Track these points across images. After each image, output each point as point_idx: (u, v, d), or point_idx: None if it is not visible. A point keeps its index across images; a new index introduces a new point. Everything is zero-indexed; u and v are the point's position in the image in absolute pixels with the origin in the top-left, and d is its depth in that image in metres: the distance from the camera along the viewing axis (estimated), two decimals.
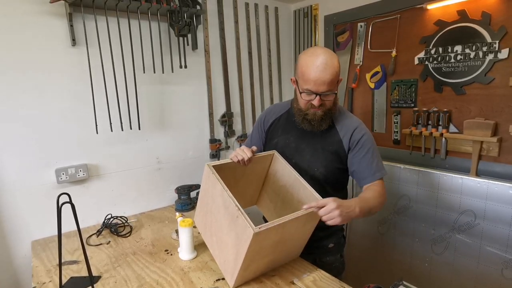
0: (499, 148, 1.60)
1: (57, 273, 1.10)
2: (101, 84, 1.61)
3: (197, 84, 2.04)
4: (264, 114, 1.43)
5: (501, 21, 1.52)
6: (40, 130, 1.53)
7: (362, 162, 1.21)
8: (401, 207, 1.90)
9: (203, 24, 1.99)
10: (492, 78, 1.58)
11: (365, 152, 1.21)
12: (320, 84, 1.09)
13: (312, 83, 1.09)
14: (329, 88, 1.11)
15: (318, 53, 1.11)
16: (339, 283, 1.11)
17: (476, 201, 1.61)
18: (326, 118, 1.20)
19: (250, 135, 1.50)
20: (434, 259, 1.79)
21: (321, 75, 1.08)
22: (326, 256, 1.35)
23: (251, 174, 1.30)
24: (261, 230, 0.92)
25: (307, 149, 1.27)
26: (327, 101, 1.15)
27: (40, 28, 1.47)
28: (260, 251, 1.01)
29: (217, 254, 1.14)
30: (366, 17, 2.05)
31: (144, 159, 1.88)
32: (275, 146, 1.35)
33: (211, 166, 1.12)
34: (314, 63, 1.08)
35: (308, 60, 1.11)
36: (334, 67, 1.09)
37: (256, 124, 1.46)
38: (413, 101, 1.90)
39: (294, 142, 1.30)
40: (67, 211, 0.99)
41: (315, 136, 1.27)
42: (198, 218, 1.26)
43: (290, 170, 1.22)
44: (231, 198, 1.01)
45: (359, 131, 1.23)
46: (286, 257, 1.21)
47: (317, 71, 1.08)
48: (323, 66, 1.07)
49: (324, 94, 1.12)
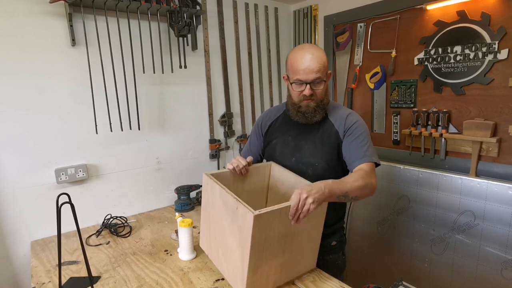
0: (498, 149, 1.60)
1: (57, 274, 1.10)
2: (100, 84, 1.61)
3: (197, 84, 2.04)
4: (261, 119, 1.45)
5: (500, 21, 1.53)
6: (40, 130, 1.53)
7: (351, 146, 1.21)
8: (401, 207, 1.90)
9: (202, 24, 1.99)
10: (492, 79, 1.58)
11: (355, 137, 1.22)
12: (309, 72, 1.15)
13: (301, 71, 1.16)
14: (317, 76, 1.16)
15: (304, 46, 1.21)
16: (339, 283, 1.11)
17: (475, 201, 1.61)
18: (319, 109, 1.23)
19: (248, 141, 1.50)
20: (434, 260, 1.79)
21: (309, 64, 1.15)
22: (329, 254, 1.34)
23: (252, 187, 1.30)
24: (261, 212, 0.91)
25: (306, 145, 1.29)
26: (317, 90, 1.19)
27: (40, 28, 1.47)
28: (266, 245, 0.98)
29: (225, 267, 1.10)
30: (366, 18, 2.05)
31: (144, 159, 1.88)
32: (275, 146, 1.36)
33: (208, 174, 1.14)
34: (301, 55, 1.17)
35: (296, 54, 1.19)
36: (321, 56, 1.16)
37: (254, 129, 1.47)
38: (413, 102, 1.90)
39: (293, 141, 1.32)
40: (67, 211, 0.99)
41: (312, 132, 1.29)
42: (203, 240, 1.24)
43: (289, 174, 1.22)
44: (229, 194, 1.01)
45: (351, 118, 1.26)
46: (300, 262, 1.14)
47: (305, 61, 1.15)
48: (310, 55, 1.15)
49: (314, 83, 1.17)
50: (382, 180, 1.97)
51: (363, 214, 2.10)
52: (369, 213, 2.06)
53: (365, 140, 1.21)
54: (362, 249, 2.13)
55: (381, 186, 1.98)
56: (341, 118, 1.26)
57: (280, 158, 1.34)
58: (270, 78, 2.42)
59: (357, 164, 1.18)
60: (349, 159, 1.22)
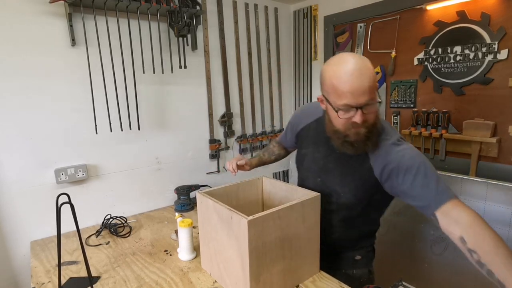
0: (498, 149, 1.60)
1: (56, 274, 1.10)
2: (100, 84, 1.60)
3: (197, 84, 2.04)
4: (295, 118, 1.32)
5: (500, 22, 1.53)
6: (40, 130, 1.53)
7: (421, 190, 0.94)
8: (401, 207, 1.90)
9: (202, 24, 1.99)
10: (492, 79, 1.58)
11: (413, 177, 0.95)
12: (360, 95, 0.89)
13: (350, 95, 0.90)
14: (370, 97, 0.90)
15: (346, 59, 0.91)
16: (338, 284, 1.11)
17: (475, 201, 1.61)
18: (372, 137, 0.98)
19: (286, 129, 1.42)
20: (434, 260, 1.79)
21: (359, 83, 0.88)
22: (353, 269, 1.23)
23: (246, 201, 1.31)
24: (255, 217, 0.92)
25: (335, 170, 1.11)
26: (369, 114, 0.94)
27: (39, 28, 1.47)
28: (265, 251, 0.99)
29: (228, 282, 1.09)
30: (366, 18, 2.05)
31: (144, 159, 1.88)
32: (304, 157, 1.24)
33: (202, 192, 1.16)
34: (346, 71, 0.89)
35: (337, 70, 0.91)
36: (370, 70, 0.91)
37: (289, 123, 1.36)
38: (413, 102, 1.90)
39: (322, 160, 1.15)
40: (67, 212, 0.99)
41: (344, 156, 1.08)
42: (205, 260, 1.24)
43: (281, 184, 1.23)
44: (222, 206, 1.02)
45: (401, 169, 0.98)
46: (301, 267, 1.12)
47: (352, 79, 0.88)
48: (358, 72, 0.88)
49: (365, 106, 0.92)
50: None
51: None
52: None
53: (431, 178, 0.94)
54: None
55: None
56: (383, 163, 1.00)
57: (307, 172, 1.23)
58: (270, 78, 2.42)
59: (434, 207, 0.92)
60: (421, 201, 0.95)
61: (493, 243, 0.80)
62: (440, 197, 0.91)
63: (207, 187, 2.00)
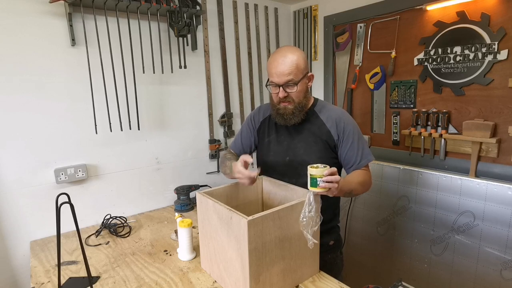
0: (498, 149, 1.60)
1: (56, 274, 1.10)
2: (100, 84, 1.60)
3: (197, 84, 2.04)
4: (253, 113, 1.49)
5: (500, 22, 1.53)
6: (39, 130, 1.53)
7: (349, 152, 1.28)
8: (401, 207, 1.90)
9: (202, 24, 1.99)
10: (491, 79, 1.58)
11: (350, 142, 1.28)
12: (280, 75, 1.19)
13: (274, 75, 1.21)
14: (289, 78, 1.19)
15: (280, 49, 1.25)
16: (338, 284, 1.11)
17: (475, 202, 1.61)
18: (297, 112, 1.26)
19: (238, 134, 1.51)
20: (433, 260, 1.79)
21: (281, 67, 1.19)
22: (328, 254, 1.35)
23: (246, 202, 1.31)
24: (255, 217, 0.93)
25: (299, 144, 1.32)
26: (291, 92, 1.23)
27: (39, 28, 1.47)
28: (265, 251, 0.99)
29: (228, 282, 1.09)
30: (366, 18, 2.05)
31: (144, 159, 1.87)
32: (268, 145, 1.39)
33: (201, 192, 1.17)
34: (275, 58, 1.21)
35: (271, 57, 1.25)
36: (294, 59, 1.19)
37: (246, 123, 1.50)
38: (412, 102, 1.90)
39: (286, 140, 1.35)
40: (66, 211, 0.99)
41: (304, 131, 1.32)
42: (204, 261, 1.24)
43: (281, 184, 1.24)
44: (222, 206, 1.02)
45: (343, 121, 1.30)
46: (301, 267, 1.12)
47: (277, 64, 1.19)
48: (282, 58, 1.19)
49: (287, 85, 1.21)
50: (382, 180, 1.97)
51: (363, 214, 2.10)
52: (369, 214, 2.06)
53: (360, 142, 1.29)
54: (361, 250, 2.13)
55: (381, 186, 1.98)
56: (332, 119, 1.31)
57: (274, 157, 1.36)
58: None
59: (355, 168, 1.28)
60: (348, 163, 1.30)
61: (356, 174, 1.24)
62: (361, 163, 1.27)
63: (207, 187, 2.00)
